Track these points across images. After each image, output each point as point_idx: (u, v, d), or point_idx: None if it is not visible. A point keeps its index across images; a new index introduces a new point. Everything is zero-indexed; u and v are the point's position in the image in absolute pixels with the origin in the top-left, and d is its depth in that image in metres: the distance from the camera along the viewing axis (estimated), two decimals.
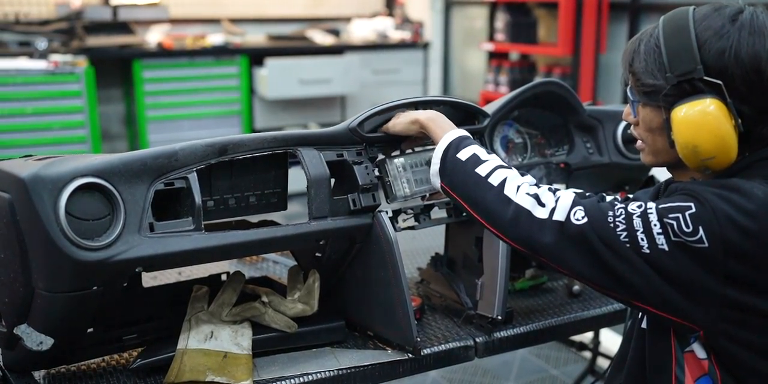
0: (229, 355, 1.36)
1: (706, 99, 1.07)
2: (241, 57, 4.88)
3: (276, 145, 1.33)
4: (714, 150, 1.08)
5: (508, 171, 1.20)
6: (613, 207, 1.10)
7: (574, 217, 1.10)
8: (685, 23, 1.10)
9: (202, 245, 1.22)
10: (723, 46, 1.07)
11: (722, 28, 1.08)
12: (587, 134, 1.86)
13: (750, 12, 1.10)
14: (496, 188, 1.17)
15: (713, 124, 1.06)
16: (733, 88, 1.07)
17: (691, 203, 1.04)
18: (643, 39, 1.17)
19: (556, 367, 3.00)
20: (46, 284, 1.12)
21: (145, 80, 4.64)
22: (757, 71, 1.06)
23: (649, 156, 1.23)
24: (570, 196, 1.13)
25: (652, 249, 1.05)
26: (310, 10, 5.75)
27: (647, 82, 1.14)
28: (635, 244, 1.06)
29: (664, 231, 1.04)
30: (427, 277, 1.73)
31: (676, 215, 1.04)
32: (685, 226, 1.03)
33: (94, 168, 1.12)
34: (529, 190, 1.16)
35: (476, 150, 1.25)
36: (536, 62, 4.89)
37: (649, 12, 4.12)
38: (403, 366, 1.44)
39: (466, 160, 1.24)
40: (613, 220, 1.08)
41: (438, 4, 5.63)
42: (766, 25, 1.09)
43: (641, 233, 1.05)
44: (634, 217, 1.07)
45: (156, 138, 4.74)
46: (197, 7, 5.32)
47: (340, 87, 5.06)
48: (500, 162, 1.23)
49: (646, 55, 1.14)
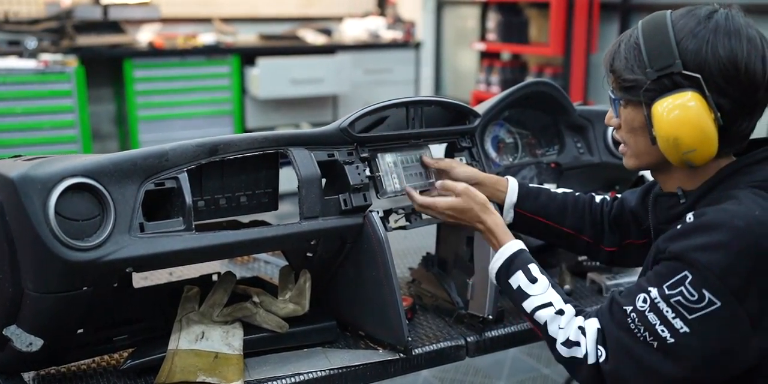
0: (220, 355, 1.36)
1: (686, 92, 1.09)
2: (233, 56, 4.87)
3: (267, 145, 1.33)
4: (694, 143, 1.09)
5: (547, 311, 1.23)
6: (626, 314, 1.12)
7: (601, 355, 1.14)
8: (663, 22, 1.13)
9: (192, 245, 1.21)
10: (700, 41, 1.10)
11: (698, 25, 1.11)
12: (578, 134, 1.86)
13: (724, 12, 1.12)
14: (542, 327, 1.23)
15: (693, 116, 1.08)
16: (711, 82, 1.09)
17: (685, 272, 1.06)
18: (623, 39, 1.20)
19: (547, 366, 3.00)
20: (35, 285, 1.12)
21: (136, 80, 4.63)
22: (734, 65, 1.08)
23: (631, 159, 1.25)
24: (593, 333, 1.16)
25: (676, 336, 1.07)
26: (302, 10, 5.74)
27: (628, 78, 1.16)
28: (660, 340, 1.08)
29: (678, 314, 1.06)
30: (419, 276, 1.73)
31: (679, 290, 1.06)
32: (690, 295, 1.05)
33: (84, 168, 1.12)
34: (566, 334, 1.19)
35: (521, 281, 1.28)
36: (527, 62, 4.90)
37: (640, 12, 4.14)
38: (394, 366, 1.44)
39: (515, 289, 1.29)
40: (635, 327, 1.10)
41: (430, 4, 5.64)
42: (739, 23, 1.11)
43: (660, 326, 1.08)
44: (647, 313, 1.09)
45: (147, 138, 4.73)
46: (188, 7, 5.31)
47: (332, 87, 5.05)
48: (541, 297, 1.25)
49: (627, 53, 1.17)
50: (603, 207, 1.52)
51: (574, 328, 1.19)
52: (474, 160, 1.62)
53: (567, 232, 1.51)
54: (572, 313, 1.22)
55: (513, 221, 1.52)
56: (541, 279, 1.27)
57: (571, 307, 1.23)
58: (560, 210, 1.51)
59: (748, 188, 1.11)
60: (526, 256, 1.32)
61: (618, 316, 1.14)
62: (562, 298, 1.25)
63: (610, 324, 1.15)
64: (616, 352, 1.13)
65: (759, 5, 3.45)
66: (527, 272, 1.29)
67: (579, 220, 1.50)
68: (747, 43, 1.09)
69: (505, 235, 1.37)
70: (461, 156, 1.62)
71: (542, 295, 1.25)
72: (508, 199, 1.51)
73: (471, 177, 1.51)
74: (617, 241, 1.50)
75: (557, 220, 1.51)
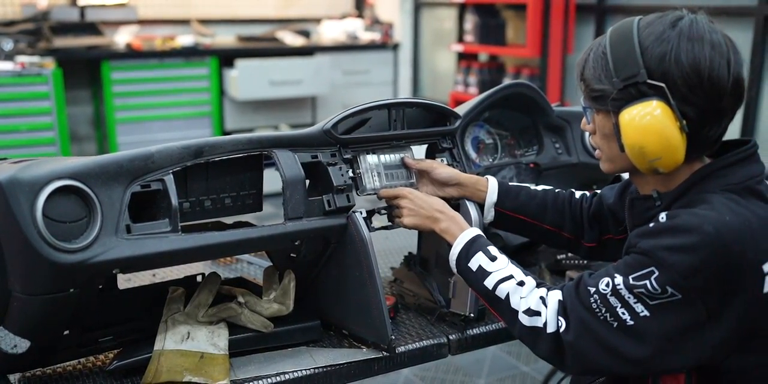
0: (205, 355, 1.37)
1: (651, 101, 1.11)
2: (211, 58, 4.87)
3: (251, 147, 1.35)
4: (660, 151, 1.12)
5: (509, 283, 1.26)
6: (589, 293, 1.16)
7: (561, 325, 1.18)
8: (629, 31, 1.16)
9: (179, 246, 1.23)
10: (663, 50, 1.12)
11: (662, 33, 1.13)
12: (556, 135, 1.90)
13: (689, 18, 1.14)
14: (503, 301, 1.26)
15: (658, 125, 1.10)
16: (675, 91, 1.11)
17: (652, 268, 1.09)
18: (592, 48, 1.22)
19: (526, 364, 3.04)
20: (23, 287, 1.13)
21: (114, 82, 4.61)
22: (697, 73, 1.10)
23: (606, 163, 1.28)
24: (554, 304, 1.20)
25: (635, 319, 1.11)
26: (280, 11, 5.75)
27: (595, 88, 1.19)
28: (620, 321, 1.12)
29: (640, 300, 1.11)
30: (401, 276, 1.76)
31: (643, 283, 1.09)
32: (654, 289, 1.09)
33: (71, 171, 1.13)
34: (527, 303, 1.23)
35: (481, 260, 1.32)
36: (505, 63, 4.95)
37: (615, 14, 4.20)
38: (378, 364, 1.46)
39: (475, 271, 1.32)
40: (597, 306, 1.14)
41: (407, 6, 5.67)
42: (703, 30, 1.13)
43: (620, 308, 1.12)
44: (608, 296, 1.13)
45: (125, 140, 4.71)
46: (166, 8, 5.29)
47: (311, 88, 5.07)
48: (502, 271, 1.29)
49: (594, 63, 1.19)
50: (582, 203, 1.55)
51: (536, 298, 1.22)
52: (455, 160, 1.65)
53: (548, 229, 1.55)
54: (533, 284, 1.25)
55: (494, 220, 1.55)
56: (500, 256, 1.31)
57: (531, 279, 1.27)
58: (540, 207, 1.54)
59: (721, 192, 1.14)
60: (484, 239, 1.37)
61: (582, 294, 1.17)
62: (523, 272, 1.29)
63: (574, 299, 1.18)
64: (576, 325, 1.16)
65: (727, 8, 3.52)
66: (486, 252, 1.32)
67: (559, 217, 1.54)
68: (710, 50, 1.11)
69: (464, 223, 1.41)
70: (442, 157, 1.65)
71: (503, 270, 1.29)
72: (489, 198, 1.54)
73: (452, 177, 1.54)
74: (596, 236, 1.53)
75: (538, 217, 1.54)
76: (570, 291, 1.20)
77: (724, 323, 1.09)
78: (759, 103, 3.42)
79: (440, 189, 1.56)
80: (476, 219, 1.53)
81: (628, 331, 1.11)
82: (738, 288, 1.08)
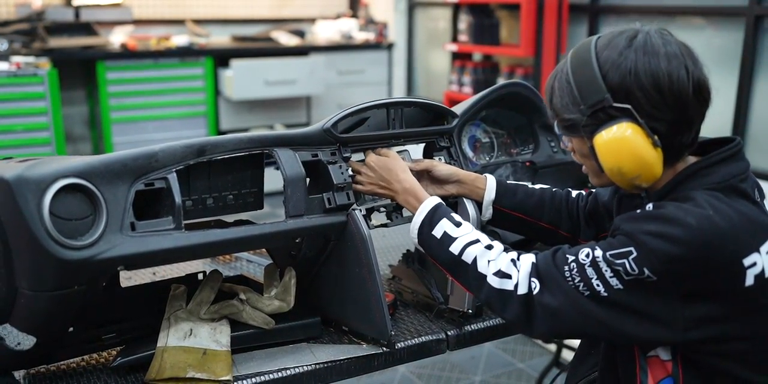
0: (208, 351, 1.39)
1: (622, 123, 1.14)
2: (206, 58, 4.87)
3: (253, 145, 1.37)
4: (637, 169, 1.16)
5: (476, 246, 1.28)
6: (566, 261, 1.19)
7: (534, 287, 1.20)
8: (588, 56, 1.18)
9: (182, 244, 1.24)
10: (623, 70, 1.14)
11: (620, 54, 1.15)
12: (551, 134, 1.92)
13: (644, 34, 1.17)
14: (470, 266, 1.28)
15: (631, 145, 1.14)
16: (641, 109, 1.14)
17: (632, 248, 1.12)
18: (557, 75, 1.25)
19: (522, 361, 3.07)
20: (30, 283, 1.14)
21: (109, 82, 4.61)
22: (657, 89, 1.13)
23: (594, 178, 1.31)
24: (527, 266, 1.23)
25: (609, 291, 1.14)
26: (275, 12, 5.76)
27: (565, 117, 1.22)
28: (593, 291, 1.15)
29: (616, 274, 1.13)
30: (399, 273, 1.78)
31: (622, 261, 1.12)
32: (631, 269, 1.11)
33: (77, 169, 1.15)
34: (497, 266, 1.25)
35: (446, 227, 1.33)
36: (499, 63, 4.97)
37: (608, 13, 4.24)
38: (377, 359, 1.48)
39: (440, 238, 1.32)
40: (570, 274, 1.17)
41: (401, 5, 5.69)
42: (658, 44, 1.15)
43: (596, 280, 1.15)
44: (586, 267, 1.16)
45: (120, 140, 4.71)
46: (160, 8, 5.30)
47: (306, 88, 5.08)
48: (468, 236, 1.31)
49: (561, 92, 1.22)
50: (579, 202, 1.57)
51: (507, 261, 1.24)
52: (452, 159, 1.67)
53: (545, 227, 1.57)
54: (501, 247, 1.28)
55: (492, 218, 1.58)
56: (465, 223, 1.34)
57: (498, 243, 1.29)
58: (538, 206, 1.56)
59: (705, 191, 1.17)
60: (446, 207, 1.39)
61: (559, 260, 1.20)
62: (488, 237, 1.31)
63: (550, 263, 1.20)
64: (551, 287, 1.18)
65: (718, 8, 3.56)
66: (451, 218, 1.34)
67: (556, 216, 1.56)
68: (667, 63, 1.13)
69: (423, 192, 1.43)
70: (440, 155, 1.67)
71: (469, 234, 1.31)
72: (487, 196, 1.56)
73: (452, 174, 1.56)
74: (593, 234, 1.55)
75: (535, 215, 1.56)
76: (546, 257, 1.23)
77: (698, 307, 1.12)
78: (750, 101, 3.46)
79: (440, 187, 1.58)
80: (474, 216, 1.56)
81: (599, 300, 1.14)
82: (716, 279, 1.11)
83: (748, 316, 1.15)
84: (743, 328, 1.15)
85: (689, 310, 1.12)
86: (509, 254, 1.26)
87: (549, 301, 1.18)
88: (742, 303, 1.13)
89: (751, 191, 1.20)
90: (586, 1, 4.28)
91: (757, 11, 3.37)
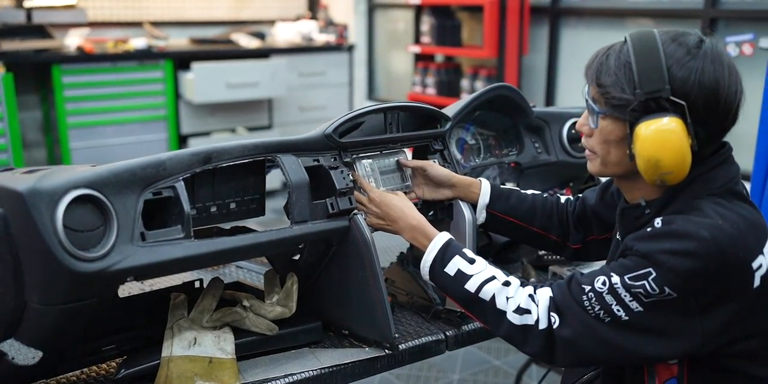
0: (214, 360, 1.38)
1: (670, 117, 1.15)
2: (166, 61, 4.80)
3: (257, 152, 1.36)
4: (673, 165, 1.16)
5: (493, 283, 1.28)
6: (583, 291, 1.20)
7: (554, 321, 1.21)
8: (654, 45, 1.18)
9: (193, 252, 1.23)
10: (689, 71, 1.16)
11: (688, 52, 1.17)
12: (535, 135, 1.96)
13: (710, 41, 1.20)
14: (488, 303, 1.27)
15: (676, 141, 1.14)
16: (694, 110, 1.15)
17: (650, 269, 1.13)
18: (611, 54, 1.23)
19: (497, 358, 3.11)
20: (41, 297, 1.12)
21: (66, 86, 4.49)
22: (716, 96, 1.16)
23: (598, 166, 1.30)
24: (546, 301, 1.24)
25: (630, 314, 1.16)
26: (233, 13, 5.70)
27: (616, 96, 1.20)
28: (614, 317, 1.17)
29: (635, 298, 1.15)
30: (392, 275, 1.79)
31: (641, 282, 1.14)
32: (652, 290, 1.13)
33: (87, 179, 1.12)
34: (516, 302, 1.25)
35: (460, 264, 1.33)
36: (461, 64, 5.03)
37: (568, 16, 4.33)
38: (380, 362, 1.49)
39: (454, 275, 1.33)
40: (589, 304, 1.19)
41: (361, 7, 5.70)
42: (725, 55, 1.19)
43: (616, 306, 1.16)
44: (604, 295, 1.17)
45: (78, 145, 4.60)
46: (116, 10, 5.19)
47: (267, 90, 5.05)
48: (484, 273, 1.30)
49: (617, 70, 1.20)
50: (568, 207, 1.60)
51: (525, 296, 1.25)
52: (446, 162, 1.69)
53: (536, 231, 1.60)
54: (518, 283, 1.29)
55: (485, 221, 1.60)
56: (478, 259, 1.34)
57: (515, 279, 1.30)
58: (530, 211, 1.59)
59: (708, 197, 1.19)
60: (456, 243, 1.38)
61: (575, 290, 1.21)
62: (503, 272, 1.31)
63: (566, 295, 1.22)
64: (570, 320, 1.20)
65: (674, 10, 3.67)
66: (463, 255, 1.34)
67: (547, 221, 1.59)
68: (729, 75, 1.17)
69: (432, 229, 1.43)
70: (434, 158, 1.69)
71: (484, 272, 1.31)
72: (481, 199, 1.58)
73: (447, 178, 1.58)
74: (581, 238, 1.59)
75: (527, 220, 1.59)
76: (561, 288, 1.23)
77: (715, 317, 1.15)
78: None
79: (435, 190, 1.60)
80: (470, 219, 1.58)
81: (620, 325, 1.16)
82: (731, 286, 1.14)
83: (757, 316, 1.18)
84: (753, 327, 1.19)
85: (707, 320, 1.14)
86: (526, 289, 1.26)
87: (568, 334, 1.19)
88: (751, 304, 1.17)
89: (746, 192, 1.24)
90: (547, 3, 4.36)
91: (713, 13, 3.48)
